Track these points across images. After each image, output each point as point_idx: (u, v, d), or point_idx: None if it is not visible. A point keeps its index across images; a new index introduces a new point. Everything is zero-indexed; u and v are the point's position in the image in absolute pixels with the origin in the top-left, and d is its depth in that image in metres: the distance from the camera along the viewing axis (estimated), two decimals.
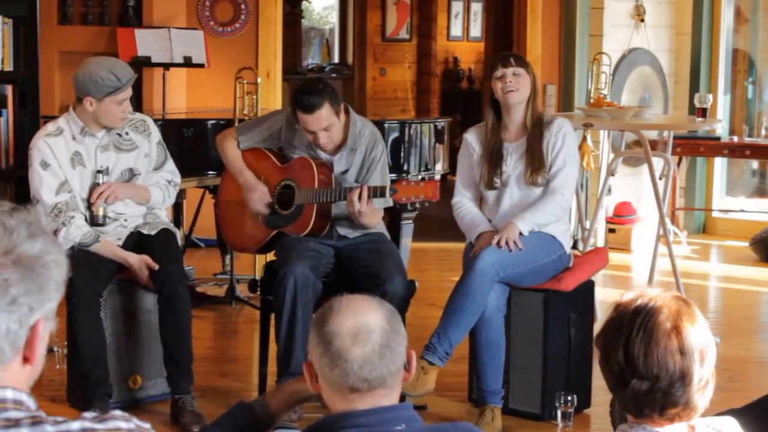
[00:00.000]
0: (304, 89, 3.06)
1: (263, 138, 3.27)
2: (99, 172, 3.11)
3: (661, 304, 1.39)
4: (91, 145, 3.12)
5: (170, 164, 3.29)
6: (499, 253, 2.97)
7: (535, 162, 3.07)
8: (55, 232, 3.00)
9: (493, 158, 3.12)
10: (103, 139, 3.14)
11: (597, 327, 3.62)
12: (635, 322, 1.37)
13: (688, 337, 1.37)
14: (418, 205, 2.93)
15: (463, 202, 3.19)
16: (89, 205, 3.11)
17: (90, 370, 2.98)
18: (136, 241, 3.15)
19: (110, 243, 3.10)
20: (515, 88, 3.05)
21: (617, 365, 1.38)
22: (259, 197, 3.21)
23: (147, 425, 1.12)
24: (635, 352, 1.36)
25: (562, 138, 3.10)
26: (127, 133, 3.18)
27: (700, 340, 1.39)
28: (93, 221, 3.10)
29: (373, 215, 3.09)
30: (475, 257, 2.97)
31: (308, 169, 3.14)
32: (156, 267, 3.03)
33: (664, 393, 1.36)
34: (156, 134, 3.26)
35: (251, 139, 3.27)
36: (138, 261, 3.05)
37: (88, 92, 3.02)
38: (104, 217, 3.11)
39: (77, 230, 3.03)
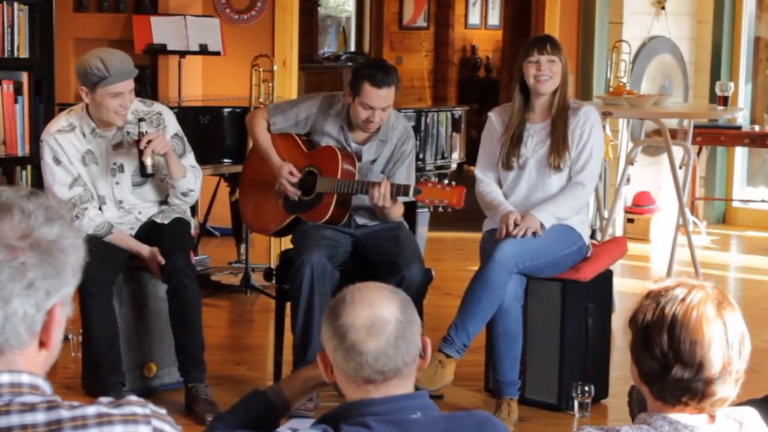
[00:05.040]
0: (380, 65, 3.12)
1: (295, 122, 3.23)
2: (141, 120, 3.00)
3: (704, 293, 1.37)
4: (103, 144, 3.08)
5: (190, 158, 3.18)
6: (519, 245, 2.94)
7: (560, 146, 3.03)
8: None
9: (514, 139, 3.08)
10: (115, 137, 3.08)
11: (615, 317, 3.60)
12: (680, 309, 1.36)
13: (731, 328, 1.36)
14: (440, 209, 2.90)
15: (487, 181, 3.14)
16: (141, 164, 2.96)
17: (103, 358, 2.97)
18: (148, 230, 3.13)
19: (124, 234, 3.08)
20: (549, 76, 3.01)
21: (659, 350, 1.36)
22: (290, 169, 3.16)
23: (162, 410, 1.11)
24: (681, 339, 1.34)
25: (590, 129, 3.06)
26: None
27: (741, 331, 1.38)
28: (142, 172, 3.00)
29: (395, 210, 3.09)
30: (494, 248, 2.93)
31: (333, 159, 3.12)
32: (163, 262, 2.99)
33: (705, 382, 1.35)
34: (172, 127, 3.16)
35: (283, 122, 3.23)
36: (150, 253, 3.03)
37: (82, 82, 2.97)
38: (153, 166, 2.99)
39: (90, 222, 3.02)
